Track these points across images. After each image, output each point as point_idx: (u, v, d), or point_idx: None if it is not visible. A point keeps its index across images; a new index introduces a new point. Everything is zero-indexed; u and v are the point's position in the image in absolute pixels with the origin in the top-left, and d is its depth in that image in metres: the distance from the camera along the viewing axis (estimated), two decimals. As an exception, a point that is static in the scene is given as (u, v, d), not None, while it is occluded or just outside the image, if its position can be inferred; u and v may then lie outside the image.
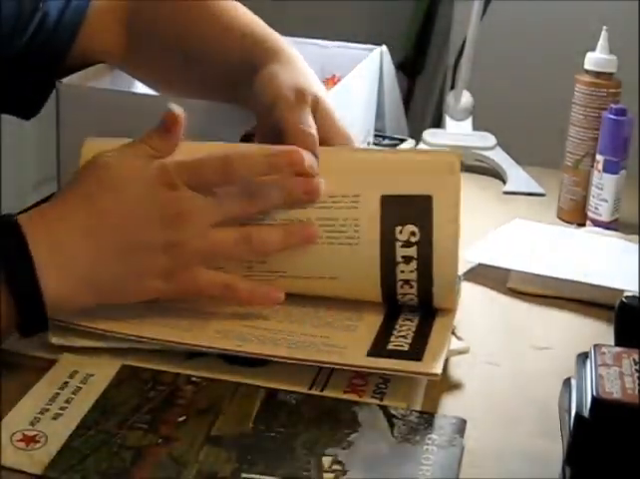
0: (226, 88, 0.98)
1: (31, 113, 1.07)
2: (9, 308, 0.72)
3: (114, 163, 0.78)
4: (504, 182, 1.28)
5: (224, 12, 1.01)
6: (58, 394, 0.72)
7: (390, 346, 0.78)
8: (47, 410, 0.71)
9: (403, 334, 0.80)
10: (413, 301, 0.83)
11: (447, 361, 0.80)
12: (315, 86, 0.90)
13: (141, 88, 1.12)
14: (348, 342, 0.79)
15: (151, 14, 1.05)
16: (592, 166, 1.13)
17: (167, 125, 0.80)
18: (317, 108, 0.87)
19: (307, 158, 0.80)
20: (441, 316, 0.83)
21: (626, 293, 0.78)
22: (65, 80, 1.02)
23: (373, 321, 0.83)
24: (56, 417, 0.70)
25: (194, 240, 0.77)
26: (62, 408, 0.71)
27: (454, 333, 0.83)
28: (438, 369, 0.75)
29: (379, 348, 0.78)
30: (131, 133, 1.01)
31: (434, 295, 0.82)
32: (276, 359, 0.76)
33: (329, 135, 0.87)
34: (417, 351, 0.77)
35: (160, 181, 0.77)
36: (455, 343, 0.82)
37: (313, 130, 0.83)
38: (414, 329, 0.81)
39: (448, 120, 1.37)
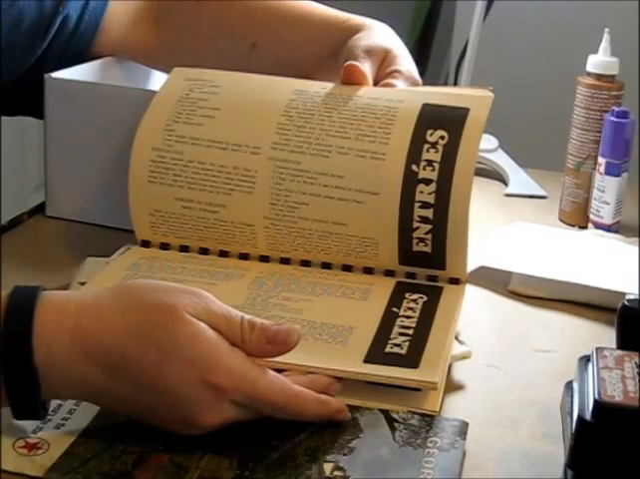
0: (307, 69, 1.05)
1: None
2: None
3: (192, 330, 0.67)
4: (506, 184, 1.28)
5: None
6: (61, 405, 0.72)
7: (388, 348, 0.78)
8: (49, 420, 0.70)
9: (402, 332, 0.80)
10: (426, 230, 0.88)
11: (448, 365, 0.80)
12: (390, 44, 1.01)
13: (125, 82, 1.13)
14: (346, 349, 0.79)
15: (192, 9, 1.09)
16: (594, 168, 1.13)
17: (278, 338, 0.70)
18: (387, 56, 0.99)
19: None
20: (442, 312, 0.84)
21: (628, 296, 0.78)
22: (53, 74, 1.02)
23: (371, 319, 0.83)
24: (58, 427, 0.70)
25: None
26: (64, 418, 0.71)
27: (456, 338, 0.83)
28: (435, 378, 0.74)
29: (377, 350, 0.78)
30: (117, 126, 1.02)
31: (448, 229, 0.87)
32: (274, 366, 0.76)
33: (394, 74, 0.98)
34: (414, 356, 0.77)
35: (211, 388, 0.67)
36: (457, 348, 0.82)
37: (359, 65, 0.95)
38: (414, 326, 0.81)
39: (449, 122, 1.36)
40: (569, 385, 0.75)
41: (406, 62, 1.01)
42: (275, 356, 0.71)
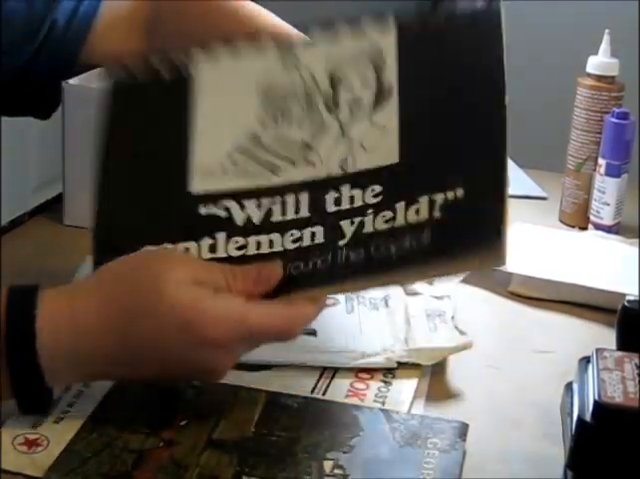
0: None
1: (47, 113, 1.07)
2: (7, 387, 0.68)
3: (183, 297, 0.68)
4: (506, 185, 1.28)
5: (254, 17, 1.01)
6: (60, 398, 0.72)
7: None
8: (49, 414, 0.70)
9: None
10: None
11: (448, 364, 0.80)
12: None
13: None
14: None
15: (176, 18, 1.05)
16: (594, 169, 1.13)
17: (262, 275, 0.72)
18: None
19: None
20: None
21: (628, 297, 0.78)
22: (70, 80, 1.02)
23: None
24: (58, 421, 0.70)
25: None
26: (64, 412, 0.71)
27: (456, 327, 0.83)
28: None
29: None
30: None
31: None
32: (277, 364, 0.76)
33: None
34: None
35: (209, 346, 0.68)
36: (458, 338, 0.82)
37: None
38: None
39: (449, 123, 1.36)
40: (569, 386, 0.75)
41: None
42: (265, 292, 0.71)
